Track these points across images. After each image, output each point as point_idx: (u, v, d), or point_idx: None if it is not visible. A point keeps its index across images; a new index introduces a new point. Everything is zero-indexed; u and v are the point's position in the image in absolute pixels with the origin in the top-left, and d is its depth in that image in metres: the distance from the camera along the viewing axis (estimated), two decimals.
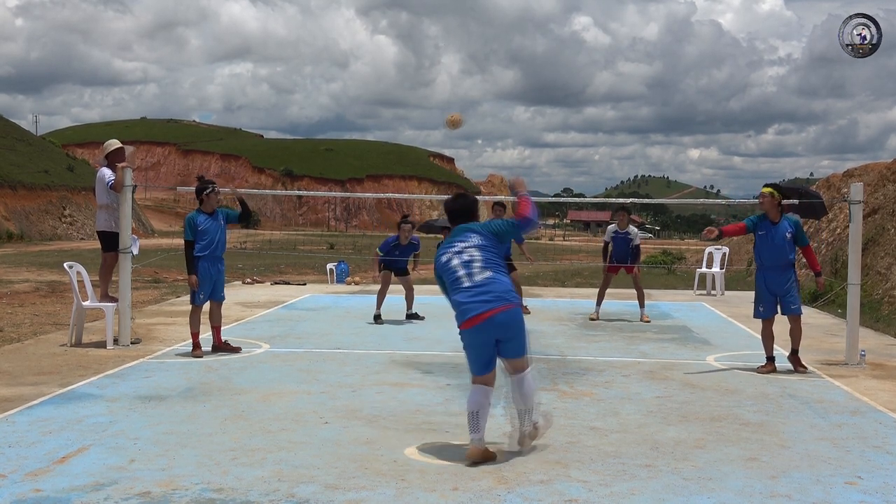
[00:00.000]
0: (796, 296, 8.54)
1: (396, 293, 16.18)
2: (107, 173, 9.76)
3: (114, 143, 10.07)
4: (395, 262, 12.06)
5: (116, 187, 9.58)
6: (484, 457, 5.19)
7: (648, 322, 12.11)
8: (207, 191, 9.13)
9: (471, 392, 5.37)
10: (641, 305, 12.45)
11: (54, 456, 5.23)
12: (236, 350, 9.16)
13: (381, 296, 11.97)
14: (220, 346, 9.17)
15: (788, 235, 8.52)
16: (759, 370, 8.42)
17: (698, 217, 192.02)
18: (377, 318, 11.82)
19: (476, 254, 5.33)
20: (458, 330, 5.37)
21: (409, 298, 12.33)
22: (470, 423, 5.30)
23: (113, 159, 9.88)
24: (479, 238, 5.41)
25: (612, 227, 12.58)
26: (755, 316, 8.67)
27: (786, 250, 8.47)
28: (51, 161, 62.70)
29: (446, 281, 5.40)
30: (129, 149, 10.31)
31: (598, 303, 12.54)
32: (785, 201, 13.70)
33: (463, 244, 5.40)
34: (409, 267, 12.44)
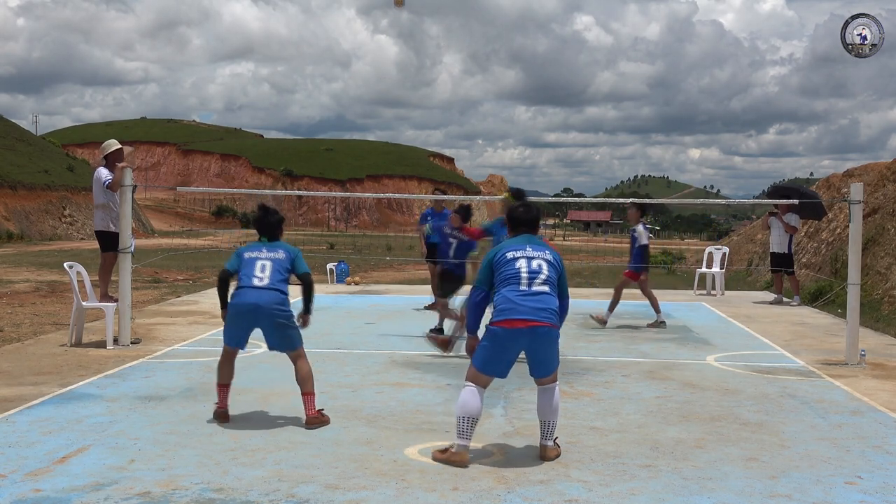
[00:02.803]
0: None
1: (396, 292, 16.19)
2: (103, 173, 9.77)
3: (113, 144, 10.08)
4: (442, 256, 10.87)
5: (113, 187, 9.57)
6: (464, 463, 5.12)
7: (595, 319, 11.64)
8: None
9: (467, 393, 5.23)
10: (610, 309, 11.77)
11: (54, 456, 5.24)
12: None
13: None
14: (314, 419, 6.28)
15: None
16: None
17: (698, 217, 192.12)
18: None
19: (545, 267, 5.36)
20: (489, 325, 5.27)
21: None
22: (465, 428, 5.16)
23: (111, 159, 9.88)
24: (552, 257, 5.45)
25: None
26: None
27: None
28: (51, 161, 62.65)
29: (500, 275, 5.33)
30: (127, 148, 10.33)
31: (655, 308, 11.86)
32: (784, 201, 13.78)
33: (536, 252, 5.41)
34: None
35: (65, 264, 9.95)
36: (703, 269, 17.09)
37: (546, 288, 5.29)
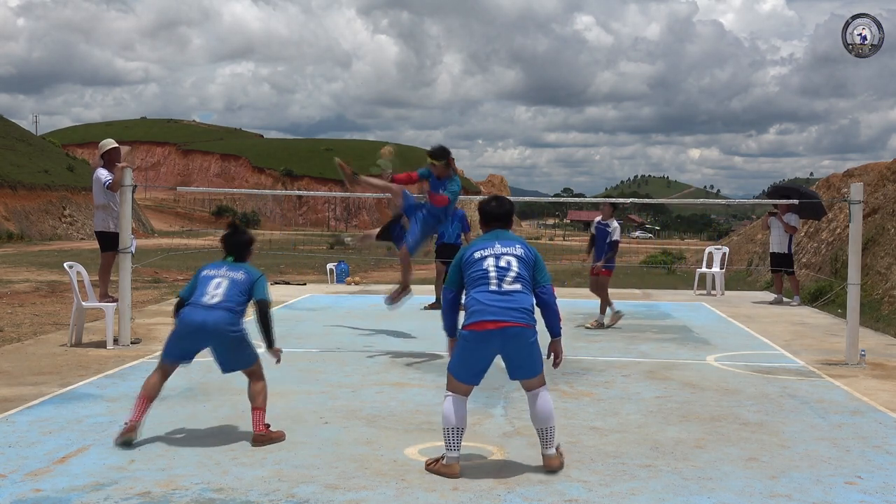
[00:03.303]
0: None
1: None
2: (103, 174, 9.78)
3: (108, 143, 10.09)
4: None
5: (114, 187, 9.58)
6: (455, 475, 4.94)
7: (592, 327, 11.41)
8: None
9: (449, 404, 5.04)
10: (602, 311, 11.63)
11: (54, 456, 5.24)
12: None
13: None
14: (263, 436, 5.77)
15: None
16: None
17: (698, 217, 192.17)
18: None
19: (514, 263, 5.13)
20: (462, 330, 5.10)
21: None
22: (451, 439, 4.99)
23: (109, 159, 9.89)
24: (523, 251, 5.21)
25: (596, 219, 11.91)
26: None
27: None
28: (51, 161, 62.71)
29: (469, 276, 5.15)
30: (124, 148, 10.33)
31: (608, 304, 11.70)
32: (784, 201, 13.79)
33: (504, 249, 5.16)
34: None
35: (65, 264, 9.95)
36: (703, 269, 17.10)
37: (518, 286, 5.07)
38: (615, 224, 11.68)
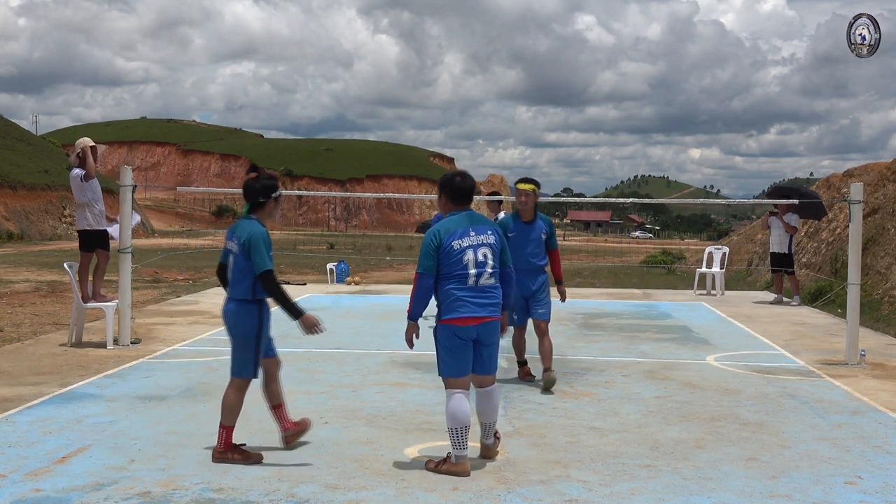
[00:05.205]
0: (546, 300, 7.77)
1: (396, 292, 16.18)
2: (78, 172, 9.81)
3: (85, 141, 10.06)
4: None
5: (90, 173, 9.61)
6: (466, 472, 4.96)
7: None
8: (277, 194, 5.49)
9: (456, 401, 5.00)
10: None
11: (54, 456, 5.24)
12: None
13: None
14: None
15: (543, 236, 7.86)
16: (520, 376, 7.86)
17: (698, 217, 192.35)
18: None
19: (490, 256, 5.09)
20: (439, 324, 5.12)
21: None
22: (459, 438, 4.98)
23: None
24: (494, 238, 5.16)
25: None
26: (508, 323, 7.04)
27: (540, 252, 7.80)
28: (51, 161, 62.69)
29: (446, 266, 5.03)
30: (101, 147, 10.34)
31: None
32: (784, 201, 13.79)
33: (480, 237, 5.08)
34: None
35: (65, 264, 9.95)
36: (703, 269, 17.09)
37: (492, 281, 5.09)
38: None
